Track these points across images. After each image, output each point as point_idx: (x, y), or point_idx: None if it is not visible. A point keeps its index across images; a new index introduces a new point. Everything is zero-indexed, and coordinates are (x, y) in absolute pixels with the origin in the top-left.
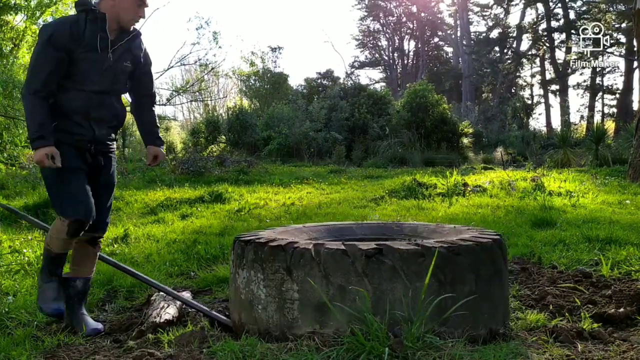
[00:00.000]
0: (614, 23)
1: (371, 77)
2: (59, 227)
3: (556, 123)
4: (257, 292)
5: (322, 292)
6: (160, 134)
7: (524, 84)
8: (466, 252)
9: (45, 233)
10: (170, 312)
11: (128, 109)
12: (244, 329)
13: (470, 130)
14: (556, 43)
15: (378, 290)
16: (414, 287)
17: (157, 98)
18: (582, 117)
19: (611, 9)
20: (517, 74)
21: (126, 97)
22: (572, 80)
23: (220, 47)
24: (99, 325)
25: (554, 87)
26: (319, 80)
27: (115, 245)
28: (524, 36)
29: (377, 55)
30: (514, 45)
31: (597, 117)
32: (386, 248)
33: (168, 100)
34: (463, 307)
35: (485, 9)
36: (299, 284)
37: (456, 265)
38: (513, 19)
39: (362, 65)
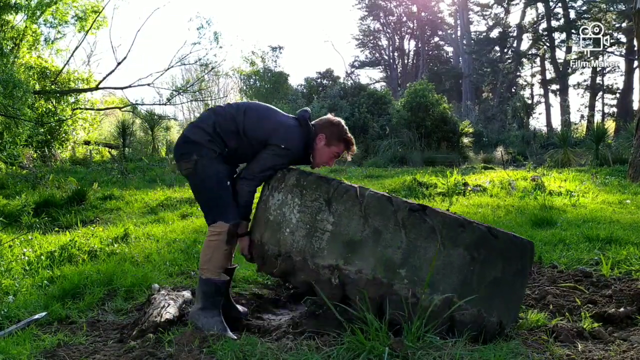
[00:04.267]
0: (614, 23)
1: (371, 77)
2: (218, 240)
3: (556, 123)
4: (289, 215)
5: (357, 230)
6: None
7: (524, 83)
8: (503, 238)
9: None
10: (170, 311)
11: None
12: (264, 249)
13: (471, 130)
14: (556, 42)
15: (412, 245)
16: (447, 252)
17: (158, 98)
18: (582, 116)
19: (611, 8)
20: (518, 73)
21: (123, 95)
22: (573, 79)
23: (220, 47)
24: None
25: (554, 86)
26: (319, 80)
27: (116, 245)
28: (524, 36)
29: (377, 54)
30: (514, 45)
31: (598, 117)
32: (430, 209)
33: (168, 99)
34: (486, 289)
35: (486, 9)
36: (336, 217)
37: (491, 247)
38: (513, 19)
39: (362, 64)
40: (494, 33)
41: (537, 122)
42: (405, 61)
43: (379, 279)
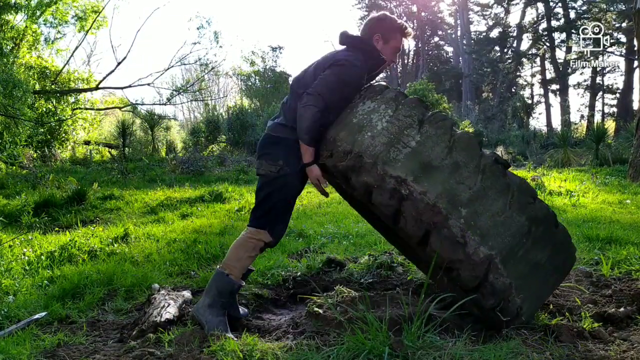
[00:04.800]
0: (614, 23)
1: None
2: (255, 245)
3: (556, 122)
4: (375, 121)
5: (438, 157)
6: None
7: (524, 83)
8: (562, 231)
9: None
10: (170, 311)
11: None
12: (335, 145)
13: (471, 130)
14: (556, 42)
15: (483, 192)
16: (510, 215)
17: (158, 98)
18: (582, 116)
19: (611, 8)
20: (518, 73)
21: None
22: (573, 79)
23: (220, 46)
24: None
25: (554, 86)
26: None
27: (116, 245)
28: (524, 35)
29: None
30: (514, 45)
31: (598, 117)
32: (511, 172)
33: (168, 99)
34: (526, 267)
35: (486, 9)
36: (423, 137)
37: (549, 232)
38: (513, 19)
39: None
40: (494, 33)
41: (537, 122)
42: (405, 61)
43: (438, 208)
